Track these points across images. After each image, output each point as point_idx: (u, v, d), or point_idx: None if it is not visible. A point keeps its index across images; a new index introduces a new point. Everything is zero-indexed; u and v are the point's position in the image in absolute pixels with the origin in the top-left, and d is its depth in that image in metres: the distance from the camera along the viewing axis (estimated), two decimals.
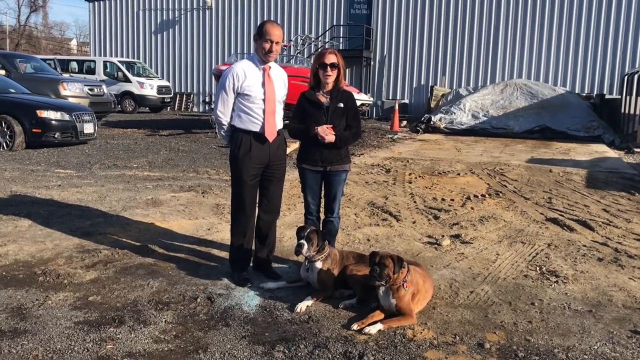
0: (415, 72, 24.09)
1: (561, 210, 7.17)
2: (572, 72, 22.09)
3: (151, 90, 23.74)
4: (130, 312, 3.79)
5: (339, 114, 4.43)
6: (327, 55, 4.35)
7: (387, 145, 14.45)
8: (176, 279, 4.41)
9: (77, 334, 3.44)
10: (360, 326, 3.57)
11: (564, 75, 22.16)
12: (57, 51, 56.38)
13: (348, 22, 24.72)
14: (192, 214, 6.50)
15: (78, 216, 6.22)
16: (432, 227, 6.25)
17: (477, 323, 3.74)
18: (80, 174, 8.92)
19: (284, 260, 4.95)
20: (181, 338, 3.44)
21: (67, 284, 4.26)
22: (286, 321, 3.70)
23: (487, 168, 10.47)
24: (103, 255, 4.93)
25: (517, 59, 22.66)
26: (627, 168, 11.09)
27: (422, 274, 4.00)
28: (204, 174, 9.23)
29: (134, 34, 28.32)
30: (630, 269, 4.91)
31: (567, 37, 21.98)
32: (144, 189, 7.82)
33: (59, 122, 11.79)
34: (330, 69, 4.34)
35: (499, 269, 4.87)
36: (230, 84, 4.22)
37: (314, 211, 4.67)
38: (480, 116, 18.08)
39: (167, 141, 13.90)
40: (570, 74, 22.10)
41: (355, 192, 7.95)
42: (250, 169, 4.30)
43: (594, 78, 21.89)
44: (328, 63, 4.33)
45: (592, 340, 3.51)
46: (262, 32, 4.16)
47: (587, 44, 21.80)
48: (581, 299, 4.19)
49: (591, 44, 21.76)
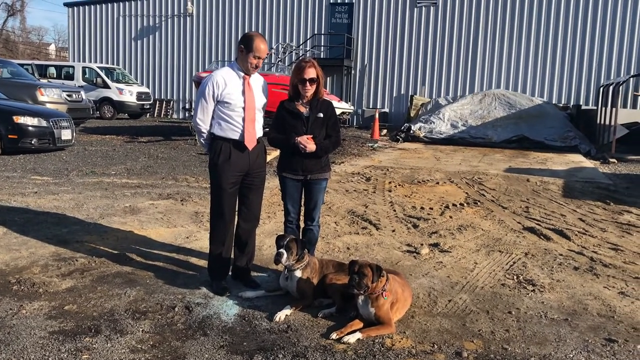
0: (395, 82, 24.26)
1: (538, 219, 7.26)
2: (549, 82, 22.43)
3: (130, 96, 23.55)
4: (107, 321, 3.74)
5: (319, 124, 4.45)
6: (306, 70, 4.33)
7: (367, 153, 14.51)
8: (154, 288, 4.37)
9: (52, 344, 3.39)
10: (339, 335, 3.57)
11: (542, 86, 22.49)
12: (35, 56, 55.65)
13: (329, 31, 24.83)
14: (171, 222, 6.45)
15: (54, 224, 6.13)
16: (411, 236, 6.28)
17: (455, 332, 3.76)
18: (58, 181, 8.80)
19: (263, 269, 4.93)
20: (158, 348, 3.41)
21: (42, 293, 4.19)
22: (265, 330, 3.69)
23: (466, 177, 10.56)
24: (79, 263, 4.87)
25: (496, 70, 22.95)
26: (603, 178, 11.27)
27: (401, 283, 4.01)
28: (183, 182, 9.18)
29: (114, 39, 28.09)
30: (605, 277, 4.99)
31: (544, 49, 22.32)
32: (122, 196, 7.74)
33: (36, 128, 11.64)
34: (310, 84, 4.35)
35: (477, 277, 4.90)
36: (210, 91, 4.21)
37: (293, 219, 4.67)
38: (459, 126, 18.26)
39: (146, 148, 13.79)
40: (548, 85, 22.44)
41: (336, 201, 7.96)
42: (229, 177, 4.28)
43: (570, 89, 22.26)
44: (307, 78, 4.33)
45: (568, 348, 3.56)
46: (252, 47, 4.15)
47: (563, 56, 22.18)
48: (557, 308, 4.24)
49: (568, 56, 22.13)
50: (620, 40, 21.51)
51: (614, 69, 21.64)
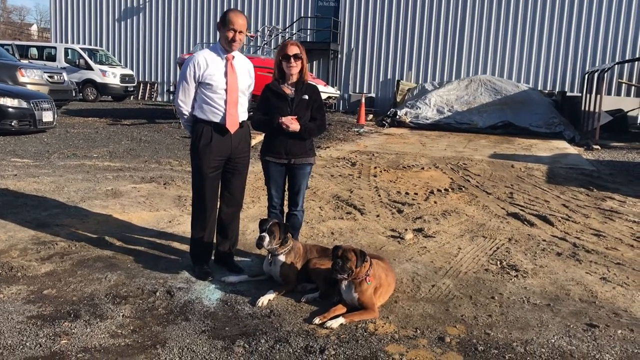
0: (382, 66, 24.17)
1: (522, 205, 7.29)
2: (535, 69, 22.49)
3: (114, 78, 23.22)
4: (87, 306, 3.68)
5: (303, 106, 4.39)
6: (289, 47, 4.30)
7: (353, 138, 14.47)
8: (135, 272, 4.31)
9: (30, 329, 3.33)
10: (322, 320, 3.55)
11: (527, 72, 22.54)
12: (16, 36, 54.69)
13: (315, 15, 24.63)
14: (153, 206, 6.37)
15: (34, 207, 6.03)
16: (395, 221, 6.27)
17: (438, 317, 3.75)
18: (38, 164, 8.66)
19: (246, 254, 4.89)
20: (139, 333, 3.36)
21: (20, 277, 4.12)
22: (247, 315, 3.66)
23: (451, 163, 10.57)
24: (59, 247, 4.79)
25: (482, 55, 22.94)
26: (586, 164, 11.35)
27: (385, 268, 4.00)
28: (166, 165, 9.08)
29: (97, 20, 27.63)
30: (587, 263, 5.02)
31: (530, 35, 22.34)
32: (103, 179, 7.64)
33: (16, 109, 11.43)
34: (294, 60, 4.29)
35: (461, 263, 4.91)
36: (191, 72, 4.13)
37: (277, 204, 4.63)
38: (445, 111, 18.27)
39: (129, 131, 13.63)
40: (533, 71, 22.50)
41: (321, 185, 7.93)
42: (210, 161, 4.21)
43: (555, 75, 22.34)
44: (291, 54, 4.28)
45: (550, 333, 3.57)
46: (226, 20, 4.08)
47: (549, 42, 22.21)
48: (540, 293, 4.26)
49: (554, 42, 22.17)
50: (606, 27, 21.58)
51: (599, 55, 21.73)
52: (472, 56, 23.08)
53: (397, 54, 23.88)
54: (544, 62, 22.36)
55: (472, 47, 23.01)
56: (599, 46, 21.75)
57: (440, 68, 23.48)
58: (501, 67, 22.78)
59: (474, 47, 22.99)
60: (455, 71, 23.20)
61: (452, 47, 23.23)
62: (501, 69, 22.74)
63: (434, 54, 23.44)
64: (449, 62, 23.34)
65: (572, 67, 22.13)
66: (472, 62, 23.09)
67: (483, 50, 22.91)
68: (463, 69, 23.14)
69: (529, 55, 22.47)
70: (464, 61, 23.15)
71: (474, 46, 22.99)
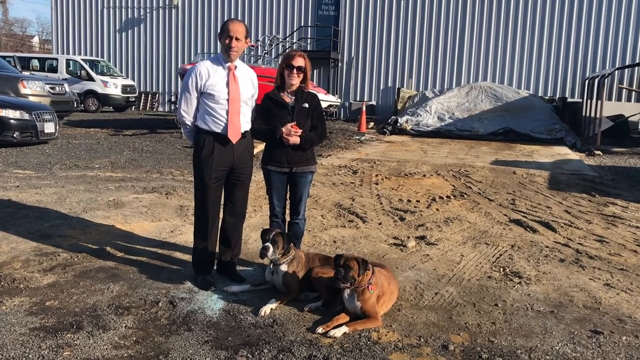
0: (382, 74, 24.23)
1: (524, 211, 7.27)
2: (535, 75, 22.52)
3: (115, 89, 23.29)
4: (89, 317, 3.68)
5: (304, 114, 4.40)
6: (295, 57, 4.31)
7: (354, 146, 14.48)
8: (137, 283, 4.30)
9: (33, 341, 3.32)
10: (325, 329, 3.53)
11: (528, 79, 22.58)
12: (18, 48, 54.92)
13: (316, 24, 24.72)
14: (155, 216, 6.37)
15: (36, 218, 6.04)
16: (397, 229, 6.26)
17: (442, 325, 3.74)
18: (40, 175, 8.68)
19: (248, 263, 4.88)
20: (142, 343, 3.35)
21: (23, 289, 4.11)
22: (250, 325, 3.65)
23: (453, 170, 10.57)
24: (62, 258, 4.78)
25: (482, 62, 22.99)
26: (588, 170, 11.34)
27: (387, 276, 3.99)
28: (168, 175, 9.08)
29: (99, 32, 27.76)
30: (590, 269, 5.00)
31: (530, 41, 22.40)
32: (105, 190, 7.65)
33: (18, 121, 11.46)
34: (297, 72, 4.30)
35: (464, 270, 4.89)
36: (193, 82, 4.14)
37: (279, 213, 4.62)
38: (446, 118, 18.29)
39: (131, 141, 13.65)
40: (534, 77, 22.53)
41: (322, 194, 7.92)
42: (213, 172, 4.20)
43: (556, 81, 22.37)
44: (295, 65, 4.29)
45: (554, 340, 3.55)
46: (223, 28, 4.12)
47: (549, 48, 22.26)
48: (543, 300, 4.24)
49: (554, 48, 22.22)
50: (606, 33, 21.63)
51: (599, 61, 21.77)
52: (472, 63, 23.12)
53: (397, 62, 23.94)
54: (545, 68, 22.39)
55: (472, 54, 23.07)
56: (599, 52, 21.79)
57: (440, 75, 23.52)
58: (501, 73, 22.82)
59: (474, 54, 23.05)
60: (456, 78, 23.25)
61: (452, 54, 23.29)
62: (501, 76, 22.78)
63: (434, 62, 23.50)
64: (449, 69, 23.39)
65: (573, 73, 22.17)
66: (473, 69, 23.13)
67: (483, 57, 22.96)
68: (463, 76, 23.17)
69: (529, 61, 22.51)
70: (464, 68, 23.20)
71: (474, 53, 23.05)
